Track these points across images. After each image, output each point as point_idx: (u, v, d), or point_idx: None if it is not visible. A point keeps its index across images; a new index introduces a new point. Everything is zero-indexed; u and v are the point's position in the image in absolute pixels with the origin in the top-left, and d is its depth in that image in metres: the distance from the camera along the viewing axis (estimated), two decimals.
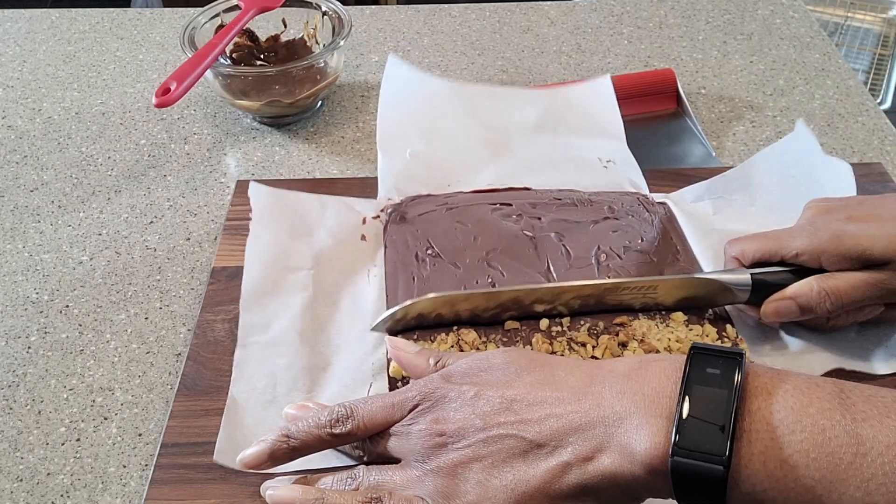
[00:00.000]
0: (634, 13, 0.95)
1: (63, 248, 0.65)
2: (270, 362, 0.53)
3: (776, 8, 0.95)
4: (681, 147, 0.75)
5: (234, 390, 0.51)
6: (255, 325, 0.55)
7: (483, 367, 0.43)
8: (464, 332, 0.52)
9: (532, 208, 0.63)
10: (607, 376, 0.40)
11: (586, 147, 0.70)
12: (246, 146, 0.76)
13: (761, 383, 0.37)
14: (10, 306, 0.60)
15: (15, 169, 0.73)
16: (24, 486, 0.49)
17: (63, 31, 0.92)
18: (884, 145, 0.75)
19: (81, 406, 0.54)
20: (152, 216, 0.68)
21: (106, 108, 0.81)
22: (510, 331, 0.53)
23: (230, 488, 0.47)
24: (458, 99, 0.74)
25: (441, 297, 0.52)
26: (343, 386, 0.52)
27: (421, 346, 0.50)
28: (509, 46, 0.89)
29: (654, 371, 0.39)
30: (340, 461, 0.48)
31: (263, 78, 0.74)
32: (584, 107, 0.74)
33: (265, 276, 0.58)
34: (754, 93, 0.82)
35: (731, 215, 0.63)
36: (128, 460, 0.50)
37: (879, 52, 1.84)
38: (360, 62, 0.87)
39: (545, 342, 0.52)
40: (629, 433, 0.37)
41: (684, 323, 0.53)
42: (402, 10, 0.96)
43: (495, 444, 0.40)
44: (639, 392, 0.38)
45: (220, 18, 0.78)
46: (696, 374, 0.38)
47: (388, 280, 0.57)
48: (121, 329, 0.59)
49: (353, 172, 0.72)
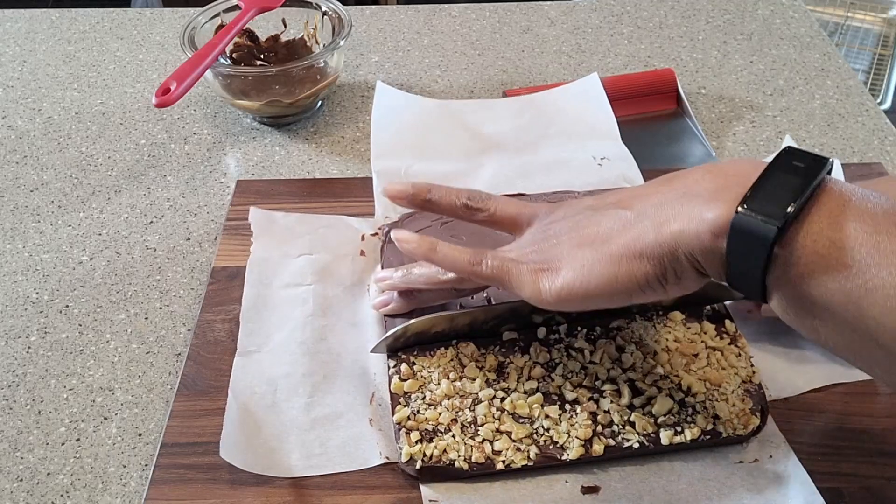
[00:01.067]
0: (634, 13, 0.95)
1: (63, 248, 0.65)
2: (270, 370, 0.53)
3: (776, 8, 0.95)
4: (681, 147, 0.75)
5: (234, 394, 0.51)
6: (255, 335, 0.55)
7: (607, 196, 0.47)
8: (462, 346, 0.52)
9: None
10: (704, 167, 0.43)
11: (579, 147, 0.70)
12: (246, 146, 0.76)
13: (838, 188, 0.38)
14: (10, 306, 0.60)
15: (15, 169, 0.73)
16: (24, 486, 0.49)
17: (63, 31, 0.92)
18: (884, 145, 0.75)
19: (81, 406, 0.54)
20: (152, 216, 0.68)
21: (106, 108, 0.81)
22: (508, 341, 0.53)
23: (230, 488, 0.47)
24: (447, 114, 0.74)
25: (440, 315, 0.52)
26: (345, 393, 0.52)
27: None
28: (509, 46, 0.89)
29: (742, 161, 0.42)
30: None
31: (263, 78, 0.74)
32: (574, 107, 0.74)
33: (265, 293, 0.58)
34: (754, 93, 0.82)
35: None
36: (128, 460, 0.50)
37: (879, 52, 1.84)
38: (360, 62, 0.87)
39: (543, 350, 0.52)
40: (704, 203, 0.39)
41: (682, 322, 0.53)
42: (402, 10, 0.96)
43: (592, 216, 0.45)
44: (721, 174, 0.41)
45: (220, 18, 0.78)
46: (782, 163, 0.39)
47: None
48: (121, 329, 0.59)
49: (353, 172, 0.72)
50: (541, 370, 0.51)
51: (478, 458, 0.47)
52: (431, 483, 0.47)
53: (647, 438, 0.48)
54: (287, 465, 0.48)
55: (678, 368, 0.50)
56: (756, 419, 0.48)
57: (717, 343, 0.52)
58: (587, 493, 0.47)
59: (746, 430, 0.48)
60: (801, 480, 0.47)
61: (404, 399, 0.50)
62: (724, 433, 0.48)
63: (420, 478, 0.47)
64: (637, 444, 0.47)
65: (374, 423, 0.50)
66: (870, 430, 0.50)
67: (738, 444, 0.49)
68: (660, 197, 0.42)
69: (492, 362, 0.51)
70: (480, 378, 0.50)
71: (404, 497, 0.47)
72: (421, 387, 0.50)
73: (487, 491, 0.47)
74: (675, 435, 0.47)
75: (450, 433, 0.48)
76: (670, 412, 0.48)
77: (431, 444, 0.47)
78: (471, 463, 0.47)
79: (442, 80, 0.84)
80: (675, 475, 0.47)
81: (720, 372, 0.50)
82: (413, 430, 0.48)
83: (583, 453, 0.47)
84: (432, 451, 0.47)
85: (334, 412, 0.51)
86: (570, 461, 0.47)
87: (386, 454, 0.48)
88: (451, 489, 0.47)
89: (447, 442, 0.47)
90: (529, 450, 0.47)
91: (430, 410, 0.49)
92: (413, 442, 0.47)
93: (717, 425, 0.48)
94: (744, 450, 0.49)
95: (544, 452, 0.47)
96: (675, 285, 0.42)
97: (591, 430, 0.48)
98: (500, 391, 0.50)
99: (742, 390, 0.49)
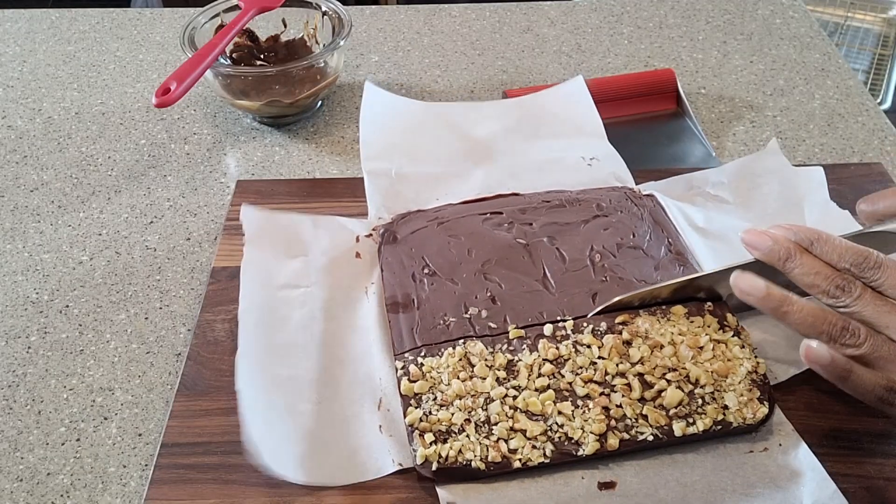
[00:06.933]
0: (634, 13, 0.95)
1: (63, 248, 0.65)
2: (273, 372, 0.52)
3: (776, 8, 0.95)
4: (681, 147, 0.75)
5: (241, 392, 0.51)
6: (255, 336, 0.55)
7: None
8: (470, 345, 0.52)
9: (522, 214, 0.62)
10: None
11: (568, 148, 0.70)
12: (246, 146, 0.76)
13: None
14: (10, 306, 0.60)
15: (15, 169, 0.73)
16: (24, 486, 0.49)
17: (63, 31, 0.92)
18: (884, 145, 0.75)
19: (81, 406, 0.54)
20: (152, 216, 0.68)
21: (106, 108, 0.81)
22: (515, 339, 0.53)
23: (230, 488, 0.47)
24: (435, 116, 0.74)
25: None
26: (351, 401, 0.51)
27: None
28: (509, 46, 0.89)
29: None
30: None
31: (263, 78, 0.74)
32: (561, 110, 0.75)
33: (262, 296, 0.57)
34: (754, 93, 0.82)
35: (712, 207, 0.65)
36: (128, 460, 0.50)
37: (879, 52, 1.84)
38: (360, 62, 0.87)
39: (552, 346, 0.52)
40: None
41: (685, 315, 0.53)
42: (402, 10, 0.96)
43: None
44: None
45: (220, 18, 0.78)
46: None
47: (388, 308, 0.56)
48: (121, 329, 0.59)
49: (353, 172, 0.72)
50: (550, 367, 0.51)
51: (494, 457, 0.47)
52: (448, 485, 0.47)
53: (660, 431, 0.48)
54: (301, 471, 0.47)
55: (685, 361, 0.51)
56: (764, 408, 0.49)
57: (720, 336, 0.52)
58: (604, 489, 0.47)
59: (755, 419, 0.49)
60: (811, 467, 0.47)
61: (415, 400, 0.49)
62: (735, 423, 0.48)
63: (436, 479, 0.47)
64: (651, 437, 0.48)
65: (384, 430, 0.50)
66: (870, 431, 0.50)
67: (748, 433, 0.49)
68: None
69: (501, 361, 0.51)
70: (491, 377, 0.50)
71: (404, 497, 0.47)
72: (431, 387, 0.50)
73: (504, 490, 0.47)
74: (687, 426, 0.48)
75: (464, 433, 0.48)
76: (681, 404, 0.49)
77: (446, 444, 0.47)
78: (487, 462, 0.47)
79: (442, 81, 0.84)
80: (689, 467, 0.48)
81: (726, 363, 0.51)
82: (427, 432, 0.48)
83: (598, 448, 0.47)
84: (447, 451, 0.47)
85: (343, 420, 0.50)
86: (586, 456, 0.47)
87: (399, 461, 0.48)
88: (469, 490, 0.47)
89: (462, 442, 0.47)
90: (545, 447, 0.47)
91: (443, 411, 0.49)
92: (427, 443, 0.47)
93: (727, 415, 0.49)
94: (753, 439, 0.49)
95: (560, 449, 0.47)
96: None
97: (605, 424, 0.48)
98: (511, 389, 0.50)
99: (749, 380, 0.50)
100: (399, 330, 0.54)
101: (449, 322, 0.54)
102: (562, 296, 0.56)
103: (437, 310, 0.55)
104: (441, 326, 0.54)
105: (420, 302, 0.56)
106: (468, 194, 0.65)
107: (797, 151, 0.74)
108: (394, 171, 0.68)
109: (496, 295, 0.56)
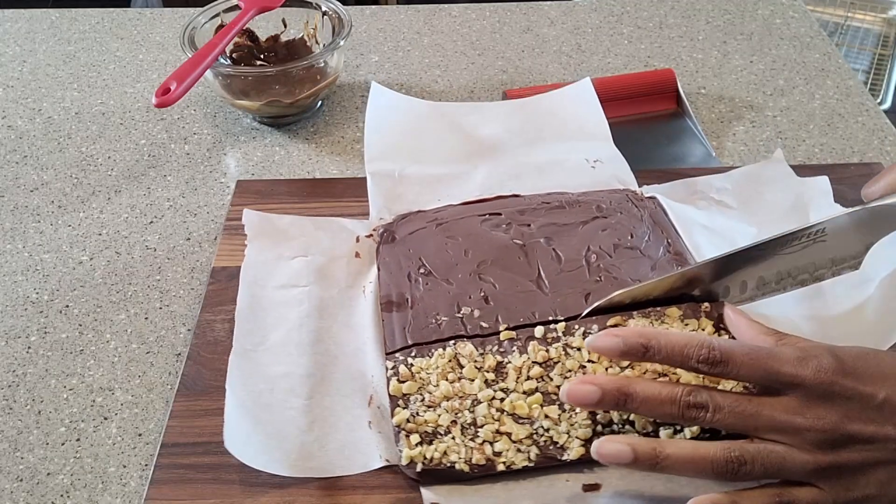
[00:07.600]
0: (634, 13, 0.95)
1: (63, 248, 0.65)
2: (267, 370, 0.53)
3: (776, 8, 0.95)
4: (681, 147, 0.75)
5: (231, 389, 0.51)
6: (251, 334, 0.55)
7: (872, 364, 0.43)
8: (460, 346, 0.52)
9: (521, 215, 0.62)
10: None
11: (572, 150, 0.70)
12: (246, 146, 0.76)
13: None
14: (10, 306, 0.60)
15: (15, 169, 0.73)
16: (24, 486, 0.49)
17: (63, 31, 0.92)
18: (884, 145, 0.75)
19: (81, 406, 0.54)
20: (152, 216, 0.68)
21: (106, 108, 0.81)
22: (506, 341, 0.53)
23: (230, 488, 0.47)
24: (440, 117, 0.74)
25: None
26: (343, 396, 0.52)
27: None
28: (509, 46, 0.89)
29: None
30: None
31: (263, 78, 0.74)
32: (567, 111, 0.74)
33: (261, 293, 0.58)
34: (754, 93, 0.82)
35: (716, 211, 0.64)
36: (128, 460, 0.50)
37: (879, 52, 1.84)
38: (360, 62, 0.87)
39: (541, 349, 0.51)
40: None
41: (679, 318, 0.53)
42: (402, 10, 0.96)
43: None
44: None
45: (220, 18, 0.78)
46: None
47: (382, 306, 0.56)
48: (121, 329, 0.59)
49: (353, 172, 0.72)
50: (539, 370, 0.50)
51: (478, 459, 0.47)
52: (432, 485, 0.47)
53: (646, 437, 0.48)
54: (287, 463, 0.48)
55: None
56: None
57: None
58: (588, 491, 0.47)
59: None
60: None
61: (403, 401, 0.50)
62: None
63: (421, 480, 0.47)
64: None
65: (373, 426, 0.50)
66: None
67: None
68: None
69: (490, 362, 0.51)
70: (479, 379, 0.50)
71: (404, 497, 0.47)
72: (420, 388, 0.50)
73: (488, 492, 0.47)
74: (674, 434, 0.47)
75: (450, 435, 0.48)
76: None
77: (431, 446, 0.47)
78: (471, 465, 0.47)
79: (442, 81, 0.84)
80: None
81: None
82: (413, 433, 0.48)
83: (583, 453, 0.47)
84: (433, 453, 0.47)
85: (333, 414, 0.51)
86: (571, 461, 0.47)
87: (386, 457, 0.48)
88: (453, 491, 0.47)
89: (447, 444, 0.47)
90: (530, 450, 0.47)
91: (430, 412, 0.49)
92: (413, 444, 0.47)
93: None
94: None
95: (545, 453, 0.47)
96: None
97: (591, 429, 0.48)
98: (499, 392, 0.50)
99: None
100: (392, 328, 0.54)
101: (441, 321, 0.54)
102: (555, 296, 0.56)
103: (430, 309, 0.55)
104: (433, 325, 0.54)
105: (414, 301, 0.56)
106: (470, 195, 0.65)
107: (797, 151, 0.74)
108: (397, 173, 0.68)
109: (489, 295, 0.56)
